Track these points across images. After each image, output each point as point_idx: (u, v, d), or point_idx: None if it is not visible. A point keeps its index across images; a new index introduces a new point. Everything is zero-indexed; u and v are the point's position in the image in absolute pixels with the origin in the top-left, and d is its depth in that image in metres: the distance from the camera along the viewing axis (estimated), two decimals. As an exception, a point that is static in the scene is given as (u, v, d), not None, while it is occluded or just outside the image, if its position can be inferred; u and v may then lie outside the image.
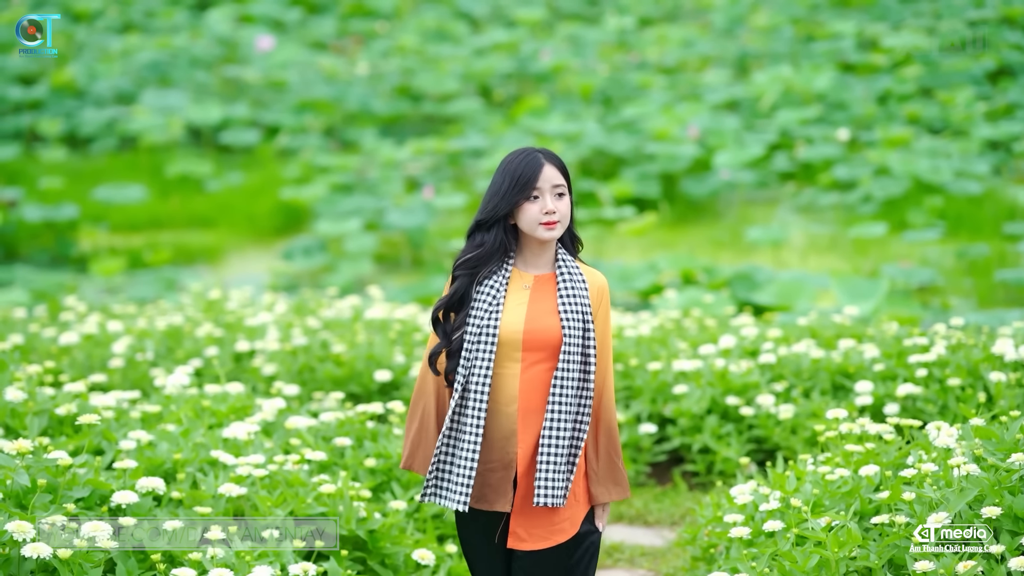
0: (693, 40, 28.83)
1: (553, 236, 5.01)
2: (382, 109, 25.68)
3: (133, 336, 11.08)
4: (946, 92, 23.02)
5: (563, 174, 5.04)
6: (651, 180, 21.04)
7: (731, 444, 9.09)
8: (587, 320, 5.02)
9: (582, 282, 5.06)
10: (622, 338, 10.81)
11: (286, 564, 5.63)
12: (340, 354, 10.43)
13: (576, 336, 4.99)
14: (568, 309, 5.00)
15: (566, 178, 5.06)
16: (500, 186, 5.00)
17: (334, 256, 19.30)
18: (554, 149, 21.31)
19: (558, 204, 5.00)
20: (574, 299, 5.02)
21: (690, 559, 7.40)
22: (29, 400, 7.07)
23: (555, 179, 5.01)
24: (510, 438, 4.99)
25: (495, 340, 4.96)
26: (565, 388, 4.97)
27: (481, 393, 4.95)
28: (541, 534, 5.02)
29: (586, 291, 5.06)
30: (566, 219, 5.04)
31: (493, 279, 5.03)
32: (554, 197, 5.00)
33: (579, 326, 5.00)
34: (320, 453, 6.87)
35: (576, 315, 5.00)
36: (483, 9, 32.19)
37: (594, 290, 5.09)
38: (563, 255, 5.11)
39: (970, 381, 8.57)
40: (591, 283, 5.10)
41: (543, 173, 4.99)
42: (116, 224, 21.36)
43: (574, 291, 5.03)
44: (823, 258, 17.93)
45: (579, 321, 5.00)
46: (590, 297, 5.06)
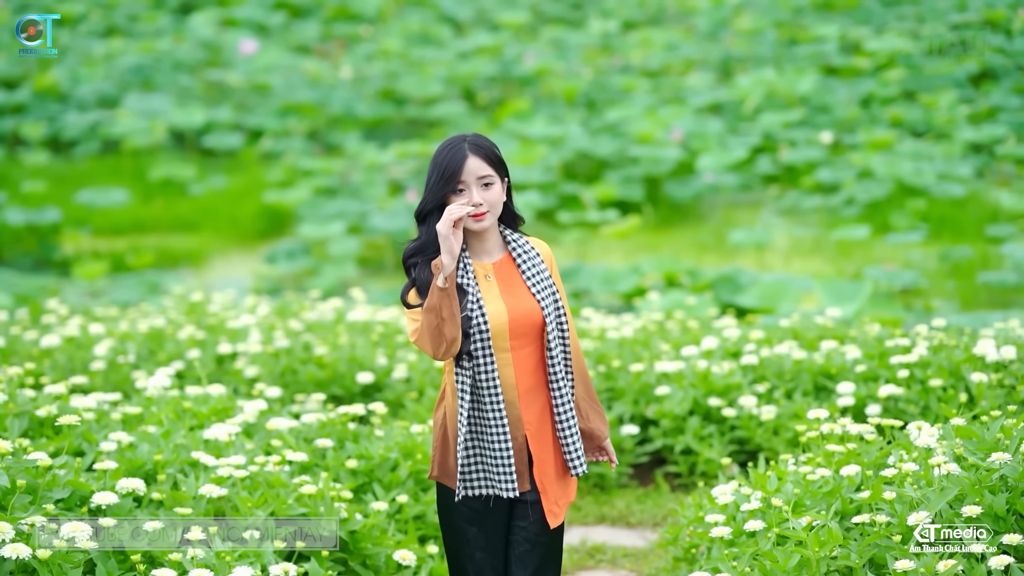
0: (677, 44, 28.87)
1: (483, 227, 5.04)
2: (366, 113, 25.67)
3: (115, 339, 11.06)
4: (929, 95, 23.07)
5: (491, 162, 5.04)
6: (635, 183, 21.05)
7: (713, 445, 9.10)
8: (555, 293, 5.13)
9: (537, 255, 5.16)
10: (604, 340, 10.81)
11: (267, 564, 5.61)
12: (322, 356, 10.42)
13: (552, 313, 5.10)
14: (539, 290, 5.10)
15: (496, 165, 5.06)
16: (429, 179, 5.05)
17: (317, 259, 19.29)
18: (537, 152, 21.35)
19: (485, 195, 5.01)
20: (538, 277, 5.12)
21: (672, 560, 7.40)
22: (9, 402, 7.05)
23: (480, 170, 5.01)
24: (517, 423, 5.11)
25: (488, 335, 5.03)
26: (557, 362, 5.11)
27: (494, 386, 5.06)
28: (557, 510, 5.21)
29: (544, 265, 5.15)
30: (496, 207, 5.06)
31: (460, 279, 5.06)
32: (480, 188, 5.01)
33: (552, 302, 5.11)
34: (301, 454, 6.86)
35: (547, 293, 5.11)
36: (467, 13, 32.20)
37: (546, 258, 5.19)
38: (510, 235, 5.18)
39: (952, 382, 8.58)
40: (542, 253, 5.20)
41: (467, 166, 5.00)
42: (99, 228, 21.30)
43: (536, 269, 5.12)
44: (806, 261, 17.95)
45: (551, 297, 5.12)
46: (545, 261, 5.18)
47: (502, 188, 5.07)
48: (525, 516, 5.17)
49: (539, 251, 5.18)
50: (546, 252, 5.20)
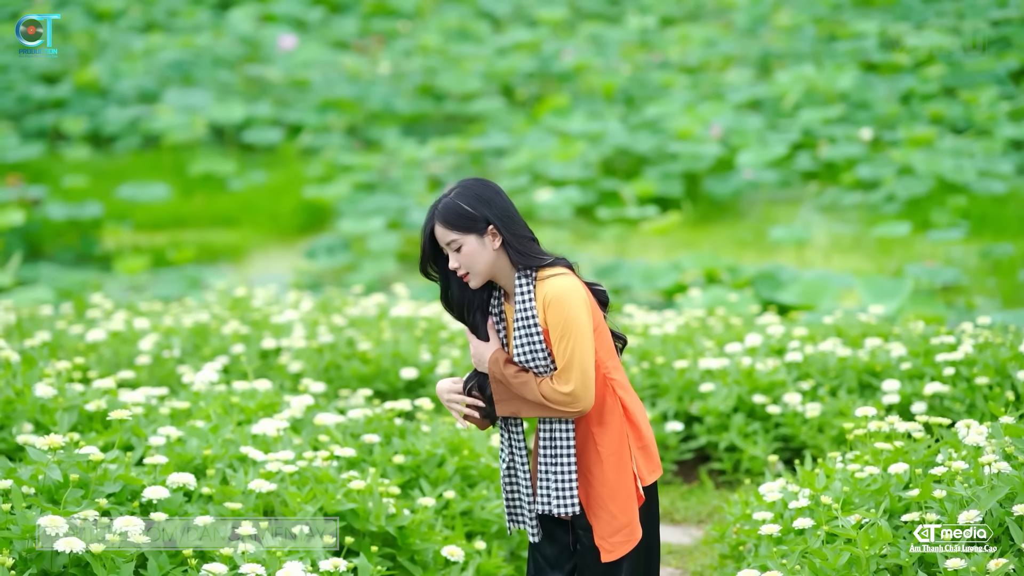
0: (715, 40, 28.80)
1: (474, 286, 5.05)
2: (404, 108, 25.70)
3: (160, 333, 11.10)
4: (969, 92, 22.95)
5: (455, 225, 4.98)
6: (674, 179, 21.02)
7: (758, 442, 9.08)
8: (535, 344, 4.99)
9: (528, 301, 5.01)
10: (648, 336, 10.81)
11: (316, 560, 5.63)
12: (366, 352, 10.44)
13: (538, 363, 5.03)
14: (519, 347, 5.02)
15: (462, 226, 4.98)
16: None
17: (357, 255, 19.31)
18: (576, 148, 21.35)
19: (459, 257, 4.99)
20: (522, 327, 5.00)
21: (718, 557, 7.39)
22: (59, 396, 7.10)
23: (444, 237, 4.99)
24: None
25: None
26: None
27: (519, 431, 5.18)
28: (607, 545, 5.18)
29: (532, 312, 5.00)
30: (475, 265, 5.00)
31: (498, 324, 5.17)
32: (453, 253, 5.00)
33: (526, 352, 5.01)
34: (349, 450, 6.89)
35: (524, 343, 5.02)
36: (505, 9, 32.19)
37: (546, 305, 4.99)
38: (519, 278, 5.06)
39: (998, 380, 8.55)
40: (541, 299, 5.01)
41: (435, 236, 5.03)
42: (140, 223, 21.39)
43: (522, 317, 5.01)
44: (846, 258, 17.90)
45: (525, 348, 5.01)
46: (539, 315, 5.01)
47: (481, 240, 4.99)
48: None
49: (539, 296, 5.01)
50: (551, 296, 4.97)
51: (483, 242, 4.97)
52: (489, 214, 4.98)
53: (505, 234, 4.99)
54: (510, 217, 5.01)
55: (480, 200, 4.98)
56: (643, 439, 5.11)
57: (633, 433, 5.08)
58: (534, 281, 5.01)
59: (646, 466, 5.11)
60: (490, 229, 4.98)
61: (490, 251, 4.99)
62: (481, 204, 4.97)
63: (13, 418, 7.27)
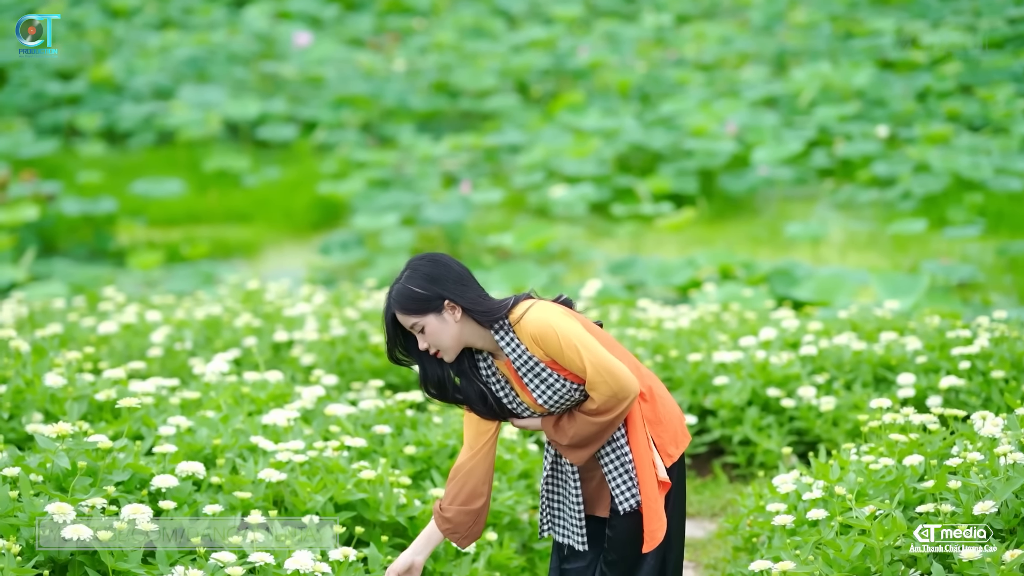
0: (731, 37, 28.75)
1: (448, 359, 5.14)
2: (419, 105, 25.69)
3: (172, 326, 11.07)
4: (986, 89, 22.86)
5: (411, 309, 5.05)
6: (689, 176, 20.97)
7: (772, 436, 9.04)
8: (548, 379, 5.10)
9: (518, 347, 5.10)
10: (662, 330, 10.77)
11: (326, 549, 5.61)
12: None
13: (551, 401, 5.15)
14: (540, 393, 5.13)
15: (418, 309, 5.05)
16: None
17: (371, 251, 19.29)
18: (591, 145, 21.34)
19: (426, 338, 5.07)
20: (530, 373, 5.11)
21: (732, 549, 7.35)
22: (68, 386, 7.07)
23: (406, 322, 5.08)
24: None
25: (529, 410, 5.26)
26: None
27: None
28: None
29: (529, 353, 5.09)
30: (442, 341, 5.08)
31: (495, 384, 5.26)
32: (419, 334, 5.08)
33: (545, 390, 5.11)
34: (360, 440, 6.87)
35: (538, 383, 5.12)
36: (520, 6, 32.17)
37: (536, 341, 5.06)
38: (498, 333, 5.13)
39: (1014, 374, 8.48)
40: (528, 338, 5.08)
41: (397, 325, 5.13)
42: (154, 218, 21.39)
43: (532, 372, 5.10)
44: (862, 254, 17.84)
45: (543, 387, 5.11)
46: (536, 354, 5.09)
47: (440, 316, 5.06)
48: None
49: (526, 341, 5.09)
50: (535, 330, 5.04)
51: (443, 318, 5.06)
52: (442, 291, 5.05)
53: (462, 303, 5.07)
54: (463, 285, 5.09)
55: (430, 279, 5.05)
56: (657, 413, 5.16)
57: (648, 407, 5.21)
58: (512, 329, 5.10)
59: (669, 440, 5.22)
60: (447, 304, 5.05)
61: (452, 324, 5.07)
62: (432, 283, 5.04)
63: (23, 407, 7.24)
